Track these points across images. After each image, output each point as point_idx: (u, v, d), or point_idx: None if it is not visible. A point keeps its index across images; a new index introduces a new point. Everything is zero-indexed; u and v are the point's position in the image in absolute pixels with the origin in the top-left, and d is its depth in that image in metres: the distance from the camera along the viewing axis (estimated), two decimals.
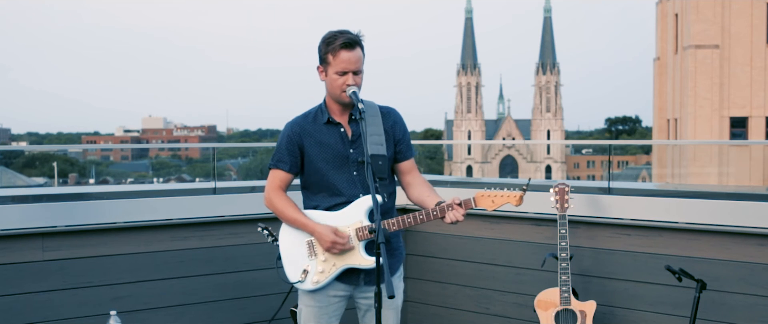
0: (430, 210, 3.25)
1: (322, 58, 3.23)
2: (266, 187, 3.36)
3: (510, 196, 3.27)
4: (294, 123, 3.33)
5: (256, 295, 4.89)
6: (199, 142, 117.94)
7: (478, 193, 3.28)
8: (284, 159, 3.31)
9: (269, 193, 3.35)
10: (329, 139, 3.29)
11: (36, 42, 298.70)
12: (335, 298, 3.34)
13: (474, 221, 5.14)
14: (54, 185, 38.19)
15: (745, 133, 34.54)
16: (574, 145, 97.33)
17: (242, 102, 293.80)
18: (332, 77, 3.20)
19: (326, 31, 3.25)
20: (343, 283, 3.32)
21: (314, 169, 3.30)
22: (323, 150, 3.28)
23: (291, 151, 3.30)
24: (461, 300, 5.24)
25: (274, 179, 3.34)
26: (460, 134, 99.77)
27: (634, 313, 4.58)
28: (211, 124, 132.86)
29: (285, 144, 3.31)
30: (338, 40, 3.17)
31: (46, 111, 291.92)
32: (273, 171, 3.35)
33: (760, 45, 34.81)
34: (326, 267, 3.28)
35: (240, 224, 4.89)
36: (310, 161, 3.30)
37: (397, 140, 3.36)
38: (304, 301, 3.37)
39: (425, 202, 3.33)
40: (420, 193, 3.37)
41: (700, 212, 4.39)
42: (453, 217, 3.22)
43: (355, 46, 3.18)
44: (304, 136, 3.29)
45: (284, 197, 3.33)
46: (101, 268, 4.48)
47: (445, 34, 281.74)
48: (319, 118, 3.31)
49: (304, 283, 3.29)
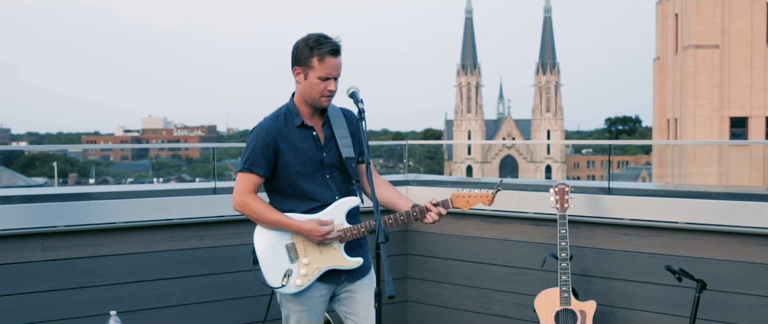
0: (409, 212, 3.29)
1: (302, 60, 3.20)
2: (236, 190, 3.27)
3: (482, 196, 3.32)
4: (268, 127, 3.26)
5: (256, 295, 4.89)
6: (199, 142, 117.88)
7: (453, 193, 3.34)
8: (259, 163, 3.24)
9: (242, 197, 3.26)
10: (303, 143, 3.26)
11: (39, 41, 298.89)
12: (320, 298, 3.34)
13: (474, 221, 5.14)
14: (54, 185, 38.18)
15: (745, 133, 34.54)
16: (574, 145, 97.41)
17: (242, 102, 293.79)
18: (313, 81, 3.19)
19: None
20: (325, 282, 3.32)
21: (287, 174, 3.26)
22: (298, 154, 3.25)
23: (266, 155, 3.24)
24: (461, 300, 5.24)
25: (246, 183, 3.25)
26: (460, 134, 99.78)
27: (634, 313, 4.58)
28: (211, 124, 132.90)
29: (260, 148, 3.23)
30: (326, 46, 3.17)
31: (46, 111, 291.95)
32: (245, 174, 3.25)
33: (760, 45, 34.81)
34: (309, 270, 3.27)
35: (240, 224, 4.88)
36: (284, 165, 3.25)
37: (359, 142, 3.36)
38: (289, 307, 3.34)
39: (396, 203, 3.37)
40: (388, 194, 3.40)
41: (700, 212, 4.38)
42: (433, 218, 3.28)
43: (340, 53, 3.22)
44: (279, 139, 3.24)
45: (259, 199, 3.29)
46: (101, 268, 4.48)
47: (445, 34, 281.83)
48: (291, 120, 3.27)
49: (287, 286, 3.27)
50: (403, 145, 6.15)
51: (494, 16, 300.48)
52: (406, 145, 6.12)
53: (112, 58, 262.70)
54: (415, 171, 6.46)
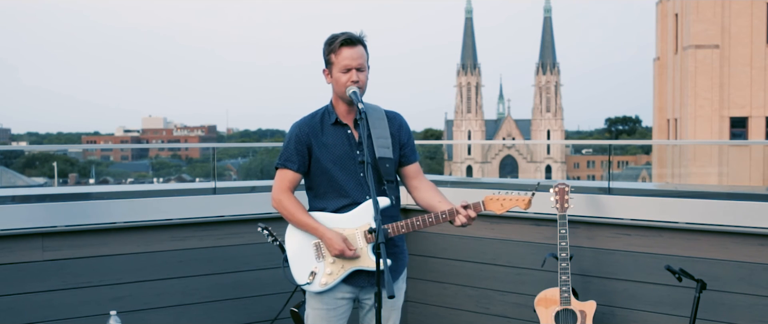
0: (439, 213, 3.27)
1: (326, 60, 3.27)
2: (274, 187, 3.33)
3: (519, 200, 3.25)
4: (302, 123, 3.32)
5: (256, 295, 4.89)
6: (199, 142, 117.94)
7: (486, 196, 3.28)
8: (292, 159, 3.30)
9: (278, 195, 3.32)
10: (336, 140, 3.30)
11: (40, 41, 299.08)
12: (342, 300, 3.34)
13: (474, 221, 5.13)
14: (54, 185, 38.20)
15: (745, 133, 34.54)
16: (574, 145, 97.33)
17: (242, 102, 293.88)
18: (337, 76, 3.23)
19: (327, 29, 3.34)
20: (349, 285, 3.33)
21: (321, 170, 3.29)
22: (330, 151, 3.29)
23: (299, 150, 3.29)
24: (461, 300, 5.24)
25: (282, 180, 3.32)
26: (460, 134, 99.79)
27: (634, 313, 4.58)
28: (211, 124, 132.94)
29: (294, 144, 3.29)
30: (339, 38, 3.22)
31: (46, 111, 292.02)
32: (281, 171, 3.32)
33: (760, 45, 34.81)
34: (334, 269, 3.28)
35: (240, 224, 4.89)
36: (317, 162, 3.29)
37: (402, 144, 3.38)
38: (311, 304, 3.37)
39: (435, 206, 3.35)
40: (430, 197, 3.39)
41: (700, 212, 4.38)
42: (462, 221, 3.25)
43: (357, 44, 3.23)
44: (312, 136, 3.29)
45: (293, 199, 3.32)
46: (101, 268, 4.48)
47: (445, 34, 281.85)
48: (327, 119, 3.32)
49: (312, 285, 3.29)
50: None
51: (494, 16, 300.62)
52: None
53: (112, 58, 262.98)
54: None
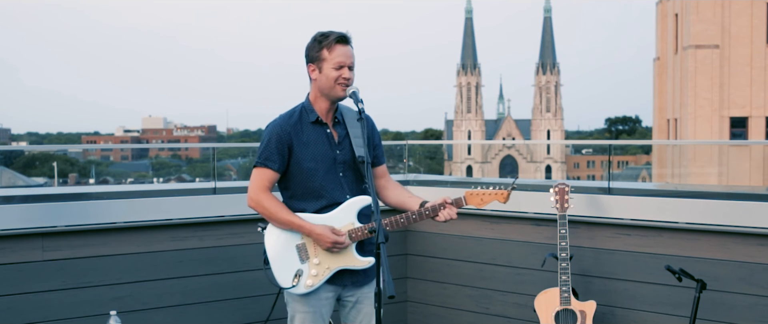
0: (421, 210, 3.30)
1: (313, 56, 3.25)
2: (251, 186, 3.28)
3: (497, 194, 3.34)
4: (281, 122, 3.28)
5: (256, 295, 4.89)
6: (199, 142, 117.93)
7: (467, 191, 3.35)
8: (273, 158, 3.25)
9: (257, 194, 3.26)
10: (316, 139, 3.28)
11: (40, 41, 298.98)
12: (326, 300, 3.33)
13: (474, 221, 5.14)
14: (54, 185, 38.20)
15: (745, 133, 34.53)
16: (574, 145, 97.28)
17: (242, 101, 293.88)
18: (328, 72, 3.21)
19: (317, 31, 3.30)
20: (332, 284, 3.32)
21: (300, 171, 3.26)
22: (310, 150, 3.26)
23: (280, 150, 3.25)
24: (461, 300, 5.24)
25: (261, 179, 3.26)
26: (460, 134, 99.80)
27: (634, 313, 4.58)
28: (211, 124, 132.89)
29: (275, 143, 3.24)
30: (333, 35, 3.23)
31: (46, 111, 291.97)
32: (260, 170, 3.26)
33: (760, 45, 34.80)
34: (319, 270, 3.27)
35: (240, 224, 4.88)
36: (297, 162, 3.26)
37: (374, 145, 3.41)
38: (296, 308, 3.34)
39: (407, 203, 3.39)
40: (399, 194, 3.44)
41: (700, 212, 4.38)
42: (446, 216, 3.28)
43: (349, 42, 3.25)
44: (293, 135, 3.26)
45: (273, 198, 3.28)
46: (101, 268, 4.48)
47: (445, 34, 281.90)
48: (306, 117, 3.29)
49: (297, 287, 3.27)
50: (403, 145, 6.15)
51: (494, 16, 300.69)
52: (406, 145, 6.12)
53: (112, 58, 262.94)
54: (415, 171, 6.46)
